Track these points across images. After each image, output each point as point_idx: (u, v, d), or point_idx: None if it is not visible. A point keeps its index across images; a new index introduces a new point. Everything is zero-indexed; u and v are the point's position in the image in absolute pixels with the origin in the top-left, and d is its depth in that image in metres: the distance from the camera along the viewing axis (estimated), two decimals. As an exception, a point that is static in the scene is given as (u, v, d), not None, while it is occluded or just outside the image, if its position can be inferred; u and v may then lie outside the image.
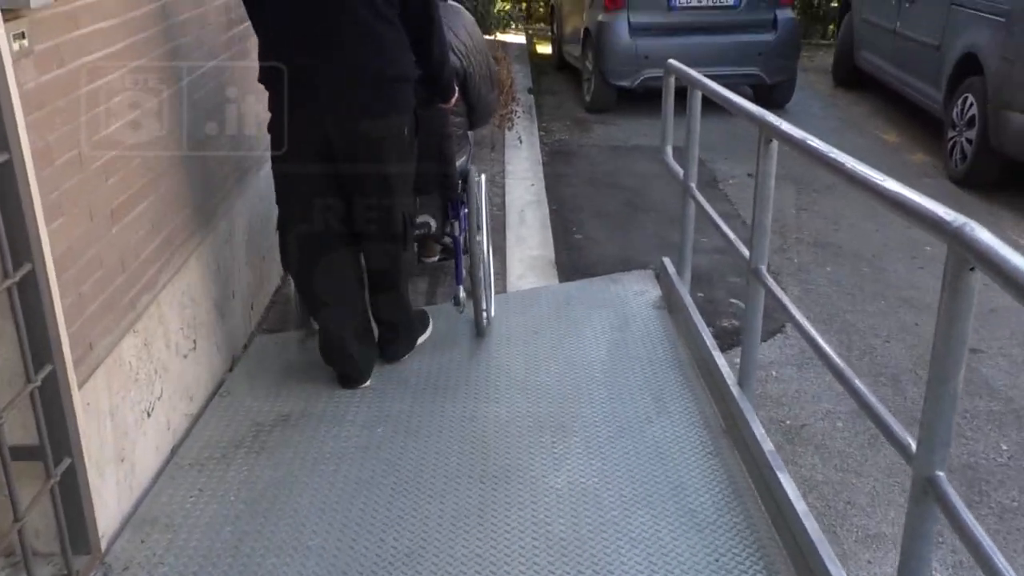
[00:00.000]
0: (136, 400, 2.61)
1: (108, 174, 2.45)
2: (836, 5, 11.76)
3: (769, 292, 2.63)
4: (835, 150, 2.05)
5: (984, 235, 1.38)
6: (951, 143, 6.16)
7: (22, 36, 1.97)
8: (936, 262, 4.87)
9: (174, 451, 2.87)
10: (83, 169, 2.31)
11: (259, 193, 3.92)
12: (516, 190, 5.64)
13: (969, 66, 5.99)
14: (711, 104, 3.34)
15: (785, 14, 7.87)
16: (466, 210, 3.69)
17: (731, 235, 3.06)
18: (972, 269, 1.43)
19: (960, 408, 3.52)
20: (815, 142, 2.16)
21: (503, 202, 5.43)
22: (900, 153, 6.70)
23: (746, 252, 2.79)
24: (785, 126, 2.38)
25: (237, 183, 3.61)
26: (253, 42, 3.91)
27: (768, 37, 7.77)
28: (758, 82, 7.92)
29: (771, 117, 2.50)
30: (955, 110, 6.12)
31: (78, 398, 2.20)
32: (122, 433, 2.52)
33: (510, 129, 6.45)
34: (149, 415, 2.70)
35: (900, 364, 3.87)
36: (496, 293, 4.25)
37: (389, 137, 3.01)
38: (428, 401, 3.19)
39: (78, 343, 2.25)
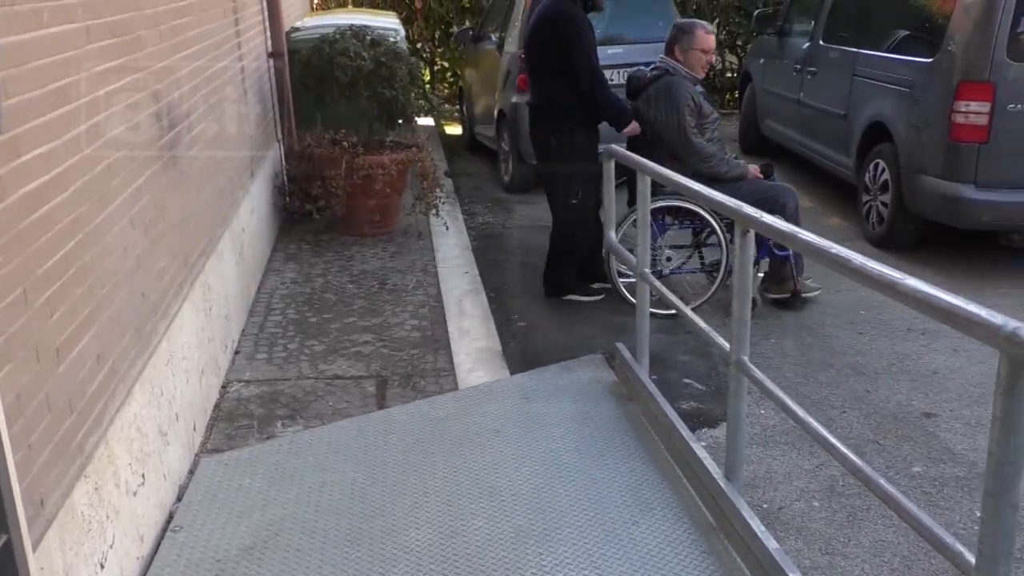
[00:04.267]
0: (89, 553, 2.36)
1: (53, 309, 2.25)
2: (731, 76, 12.22)
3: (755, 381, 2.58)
4: (831, 244, 2.02)
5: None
6: (867, 207, 6.35)
7: (-35, 172, 1.79)
8: (874, 326, 4.97)
9: (129, 602, 2.61)
10: (28, 307, 2.10)
11: (196, 305, 3.72)
12: (451, 279, 5.54)
13: (877, 133, 6.22)
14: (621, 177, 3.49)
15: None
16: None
17: (704, 326, 3.01)
18: (1030, 374, 1.38)
19: (928, 476, 3.54)
20: (806, 235, 2.13)
21: (439, 292, 5.31)
22: (817, 218, 6.88)
23: (725, 344, 2.74)
24: (765, 217, 2.35)
25: (175, 298, 3.40)
26: (185, 150, 3.76)
27: (679, 112, 7.93)
28: (672, 155, 8.06)
29: (748, 209, 2.47)
30: (867, 175, 6.34)
31: (33, 565, 1.96)
32: (77, 593, 2.27)
33: (436, 215, 6.37)
34: (102, 567, 2.45)
35: (861, 435, 3.87)
36: (448, 391, 4.13)
37: (541, 140, 5.30)
38: (399, 516, 3.01)
39: (29, 502, 2.02)
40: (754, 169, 5.20)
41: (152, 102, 3.30)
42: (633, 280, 5.18)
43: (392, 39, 6.57)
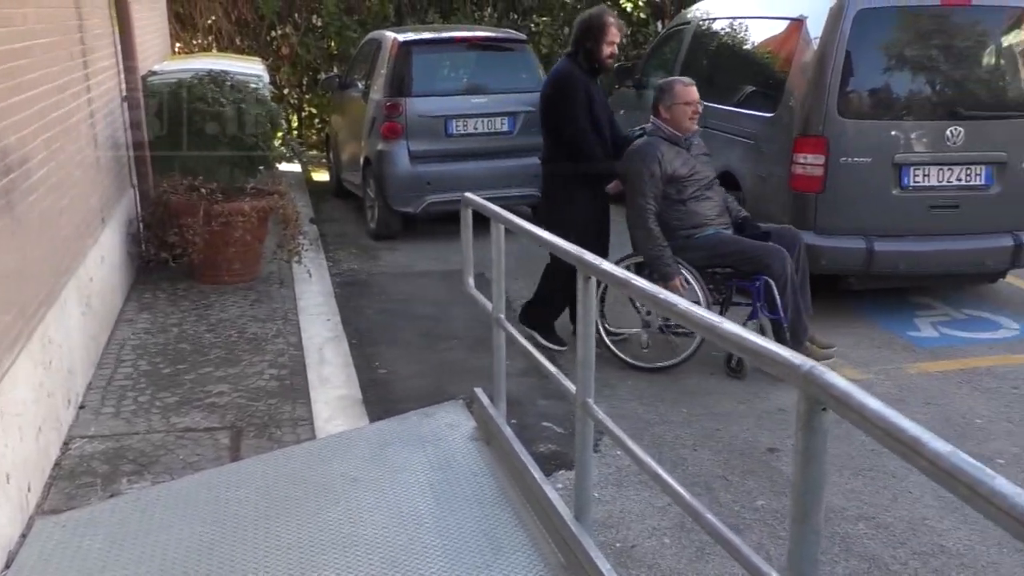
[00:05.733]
0: (-100, 626, 2.20)
1: None
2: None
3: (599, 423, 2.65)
4: (661, 289, 2.11)
5: (833, 376, 1.44)
6: (719, 252, 6.64)
7: None
8: (723, 367, 5.17)
9: (-52, 678, 2.44)
10: None
11: (34, 358, 3.55)
12: (312, 326, 5.47)
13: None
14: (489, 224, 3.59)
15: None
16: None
17: (553, 369, 3.08)
18: (824, 409, 1.49)
19: (771, 509, 3.70)
20: (640, 281, 2.22)
21: (299, 341, 5.24)
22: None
23: (572, 387, 2.81)
24: (605, 264, 2.44)
25: (8, 352, 3.24)
26: (23, 196, 3.62)
27: (543, 159, 8.15)
28: (536, 202, 8.26)
29: (588, 256, 2.56)
30: (719, 222, 6.63)
31: None
32: None
33: (298, 262, 6.29)
34: (-84, 641, 2.28)
35: (710, 471, 4.01)
36: (305, 440, 4.06)
37: (542, 195, 5.66)
38: (249, 571, 2.93)
39: None
40: (676, 283, 4.90)
41: (-15, 147, 3.17)
42: (620, 336, 5.30)
43: (254, 85, 6.51)
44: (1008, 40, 5.95)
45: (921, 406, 4.67)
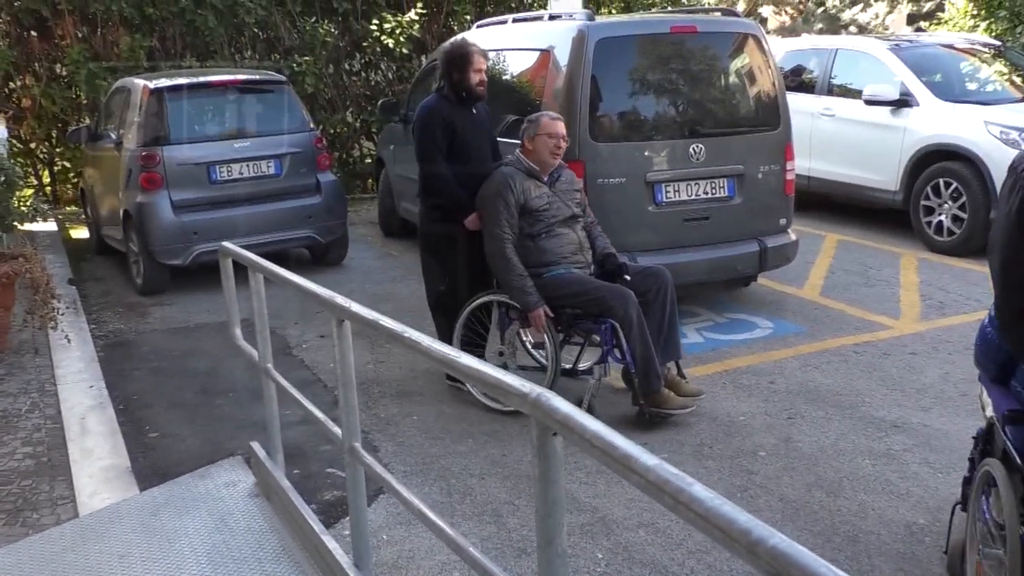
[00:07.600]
0: None
1: None
2: (369, 161, 12.59)
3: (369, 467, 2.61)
4: (408, 328, 2.12)
5: (558, 402, 1.49)
6: (495, 279, 6.78)
7: None
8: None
9: None
10: None
11: None
12: (73, 395, 5.09)
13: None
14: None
15: (327, 177, 8.22)
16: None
17: (321, 415, 3.02)
18: (555, 434, 1.53)
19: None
20: (387, 321, 2.22)
21: (58, 412, 4.86)
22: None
23: (339, 431, 2.76)
24: (355, 307, 2.42)
25: None
26: None
27: (314, 200, 8.04)
28: (313, 244, 8.14)
29: (340, 299, 2.53)
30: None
31: None
32: None
33: (54, 328, 5.84)
34: None
35: (498, 497, 4.06)
36: (66, 520, 3.76)
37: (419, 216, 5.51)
38: None
39: None
40: (538, 313, 4.76)
41: None
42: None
43: (-15, 142, 6.02)
44: (735, 62, 6.48)
45: (692, 410, 4.94)
